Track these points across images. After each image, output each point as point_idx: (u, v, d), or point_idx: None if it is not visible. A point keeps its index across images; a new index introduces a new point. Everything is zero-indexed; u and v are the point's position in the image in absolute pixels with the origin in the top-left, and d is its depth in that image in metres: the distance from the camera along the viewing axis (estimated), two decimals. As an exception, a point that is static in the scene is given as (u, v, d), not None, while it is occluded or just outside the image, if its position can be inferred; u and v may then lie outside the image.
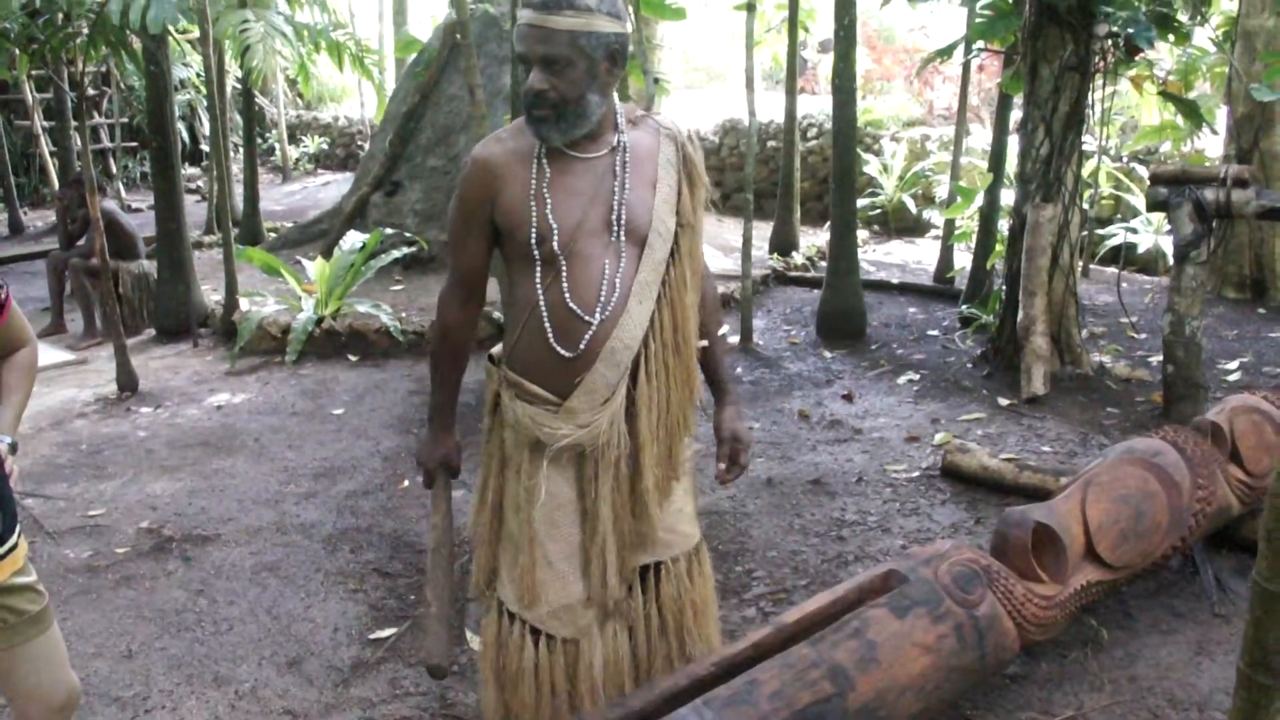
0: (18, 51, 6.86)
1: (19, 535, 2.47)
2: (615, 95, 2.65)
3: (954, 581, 3.07)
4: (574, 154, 2.58)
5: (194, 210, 9.55)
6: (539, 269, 2.57)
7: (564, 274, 2.55)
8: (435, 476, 2.97)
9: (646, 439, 2.66)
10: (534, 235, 2.54)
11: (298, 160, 20.10)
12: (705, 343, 2.83)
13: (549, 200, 2.55)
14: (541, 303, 2.57)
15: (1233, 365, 7.11)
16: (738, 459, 2.90)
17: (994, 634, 3.06)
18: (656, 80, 8.86)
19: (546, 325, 2.57)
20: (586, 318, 2.56)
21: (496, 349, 2.83)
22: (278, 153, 19.67)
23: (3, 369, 2.60)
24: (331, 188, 17.60)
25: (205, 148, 17.69)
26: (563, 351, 2.58)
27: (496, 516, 2.84)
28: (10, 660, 2.50)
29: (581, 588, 2.71)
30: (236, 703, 3.64)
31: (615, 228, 2.58)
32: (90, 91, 15.68)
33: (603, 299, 2.56)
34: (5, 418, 2.50)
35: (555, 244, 2.54)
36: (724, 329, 2.94)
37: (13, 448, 2.52)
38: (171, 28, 7.49)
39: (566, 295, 2.55)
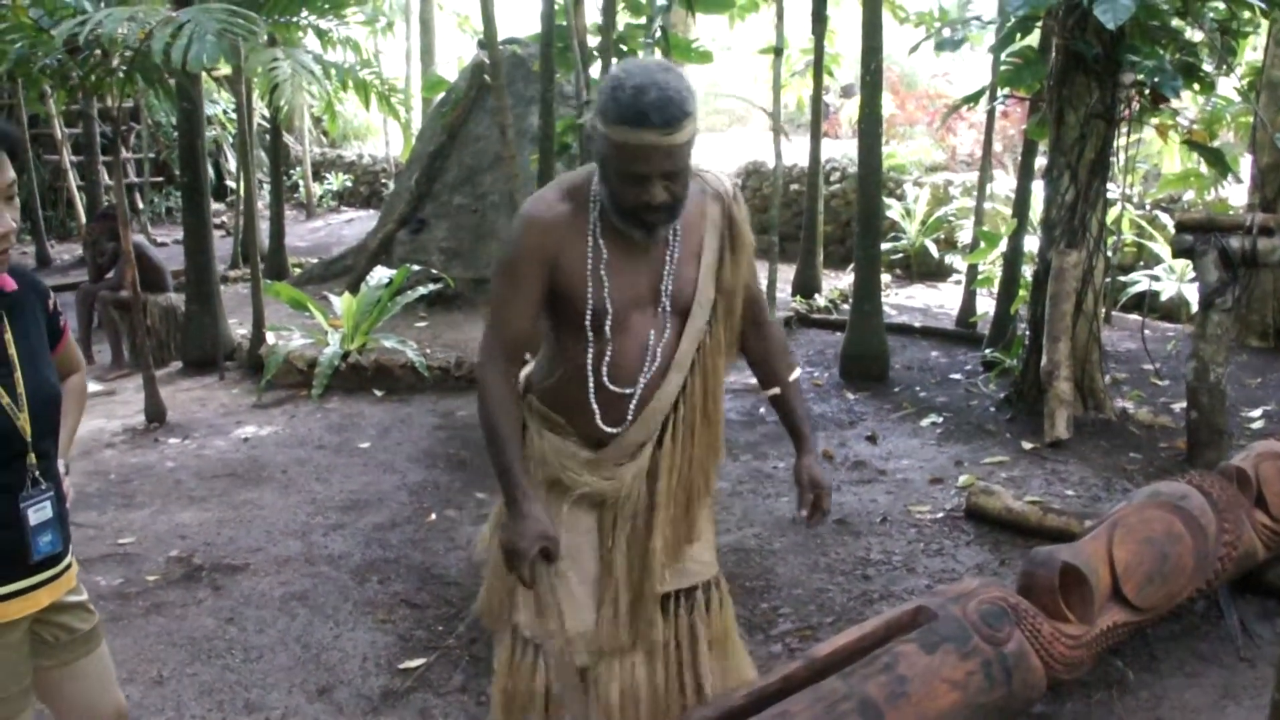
0: (47, 88, 7.01)
1: (72, 554, 2.52)
2: None
3: (982, 619, 3.10)
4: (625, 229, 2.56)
5: (219, 245, 9.66)
6: (586, 336, 2.59)
7: (609, 345, 2.58)
8: (534, 564, 2.54)
9: (663, 499, 2.70)
10: (589, 311, 2.55)
11: (322, 197, 20.28)
12: (777, 390, 2.88)
13: (605, 277, 2.55)
14: (584, 367, 2.60)
15: (1256, 413, 7.13)
16: (820, 504, 2.87)
17: (1021, 672, 3.08)
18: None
19: (589, 387, 2.60)
20: (628, 390, 2.60)
21: (525, 372, 2.85)
22: (302, 189, 19.85)
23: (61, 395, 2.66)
24: (355, 225, 17.75)
25: (231, 184, 17.90)
26: (599, 412, 2.62)
27: None
28: (60, 677, 2.54)
29: (596, 618, 2.75)
30: (267, 729, 3.69)
31: (662, 301, 2.61)
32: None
33: (646, 369, 2.61)
34: (60, 441, 2.56)
35: (608, 321, 2.57)
36: (796, 373, 2.95)
37: (66, 469, 2.58)
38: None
39: (609, 365, 2.59)
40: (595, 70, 7.69)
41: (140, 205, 17.09)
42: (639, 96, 2.30)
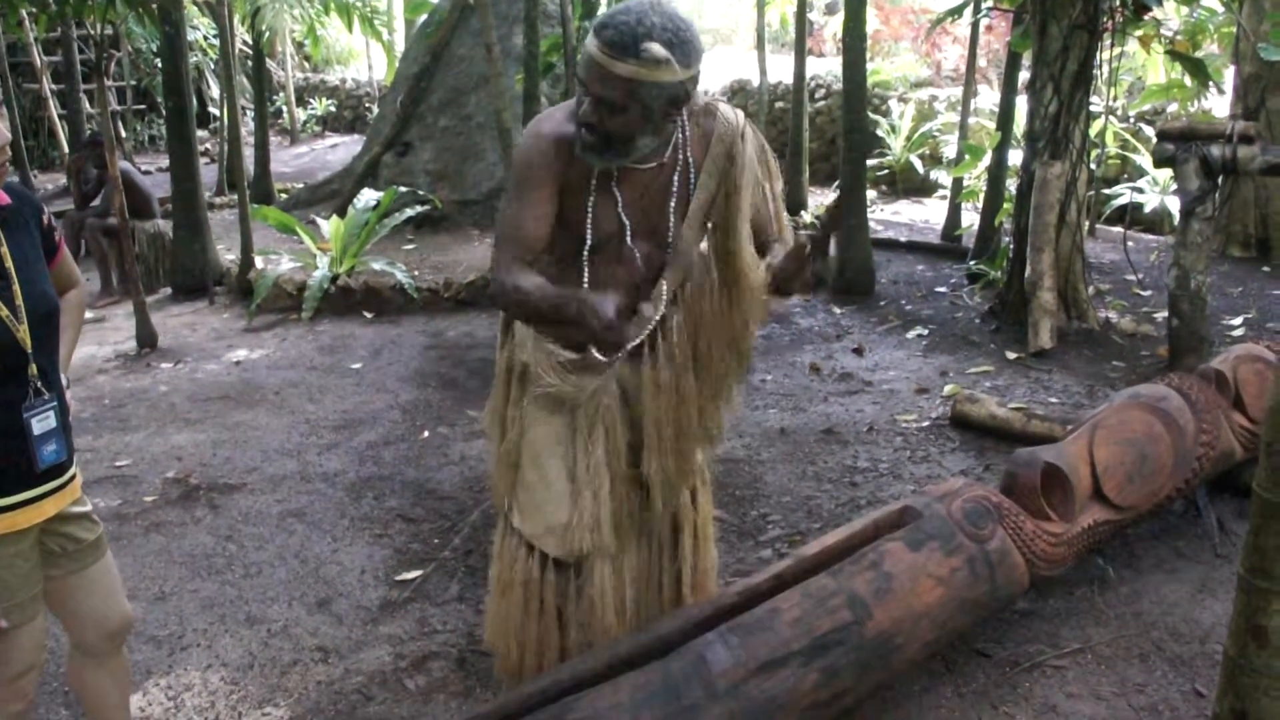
0: (24, 13, 6.91)
1: (76, 465, 2.58)
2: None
3: (966, 517, 3.18)
4: (630, 164, 2.60)
5: (204, 172, 9.63)
6: (579, 260, 2.66)
7: (598, 270, 2.64)
8: (621, 325, 2.50)
9: (650, 430, 2.74)
10: (583, 236, 2.62)
11: (305, 123, 20.13)
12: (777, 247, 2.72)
13: (601, 205, 2.61)
14: (571, 283, 2.66)
15: (1237, 321, 7.20)
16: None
17: (1004, 568, 3.17)
18: (668, 39, 8.91)
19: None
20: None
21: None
22: (285, 115, 19.69)
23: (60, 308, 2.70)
24: (340, 150, 17.65)
25: (214, 111, 17.75)
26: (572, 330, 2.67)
27: (503, 420, 2.97)
28: (67, 586, 2.61)
29: (573, 512, 2.82)
30: (269, 640, 3.76)
31: (660, 238, 2.68)
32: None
33: (624, 295, 2.63)
34: (60, 355, 2.61)
35: (598, 244, 2.63)
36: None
37: (66, 383, 2.63)
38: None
39: (593, 286, 2.64)
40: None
41: (123, 133, 16.95)
42: (613, 15, 2.36)
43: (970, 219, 10.00)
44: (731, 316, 2.65)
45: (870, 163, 12.07)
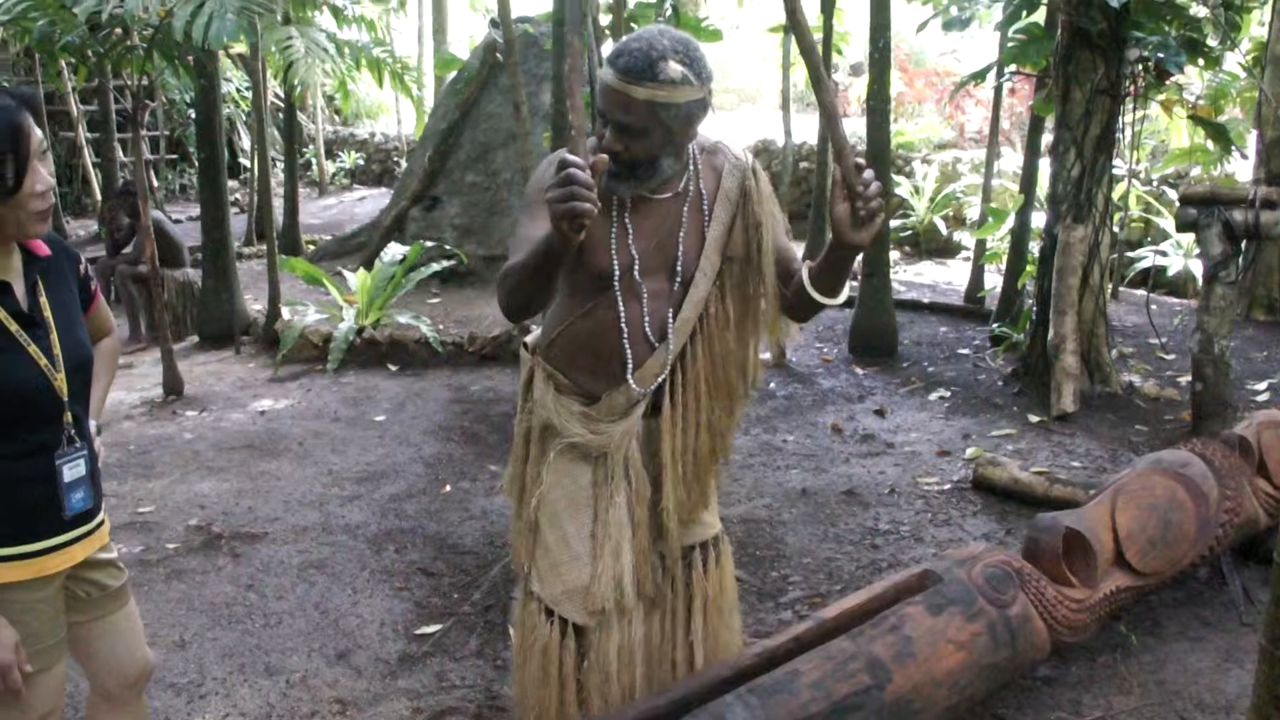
0: (64, 64, 7.06)
1: (104, 512, 2.61)
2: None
3: (987, 582, 3.18)
4: (646, 195, 2.63)
5: (233, 222, 9.75)
6: (595, 293, 2.67)
7: (618, 304, 2.65)
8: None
9: (669, 462, 2.76)
10: (599, 269, 2.63)
11: (334, 175, 20.32)
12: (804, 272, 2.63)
13: (617, 238, 2.63)
14: (589, 322, 2.69)
15: (1261, 386, 7.18)
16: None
17: (1025, 634, 3.16)
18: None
19: (588, 345, 2.70)
20: (626, 348, 2.67)
21: (531, 337, 2.95)
22: (314, 168, 19.89)
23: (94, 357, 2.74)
24: (367, 203, 17.81)
25: (244, 162, 17.95)
26: (597, 369, 2.72)
27: (523, 482, 2.97)
28: (91, 633, 2.62)
29: (594, 572, 2.82)
30: (288, 691, 3.77)
31: (670, 269, 2.68)
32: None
33: (646, 332, 2.68)
34: (91, 402, 2.64)
35: (616, 280, 2.64)
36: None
37: (98, 430, 2.66)
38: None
39: (612, 323, 2.66)
40: (606, 48, 7.73)
41: (155, 182, 17.15)
42: (627, 43, 2.41)
43: (993, 281, 10.01)
44: (745, 347, 2.74)
45: (894, 223, 12.11)
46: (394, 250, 9.07)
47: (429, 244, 9.75)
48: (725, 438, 2.85)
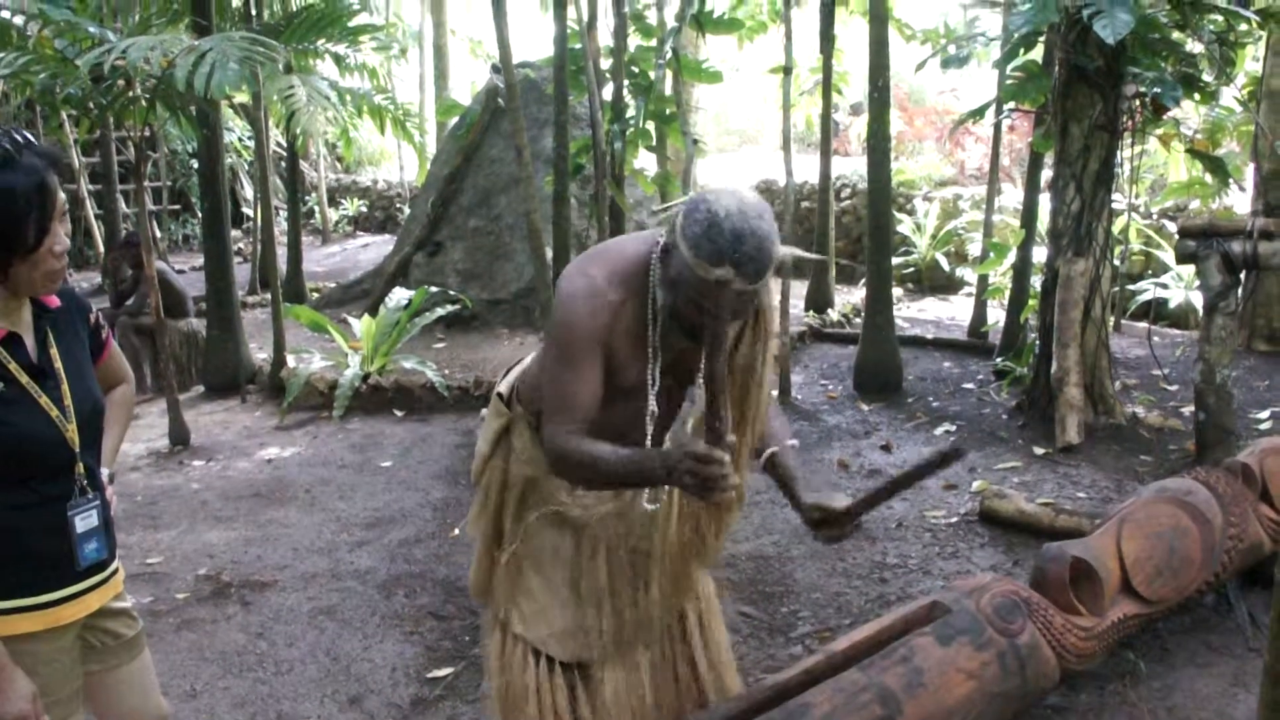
0: (65, 116, 7.12)
1: (118, 561, 2.63)
2: None
3: (995, 612, 3.19)
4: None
5: (237, 271, 9.80)
6: (619, 395, 2.64)
7: (616, 407, 2.63)
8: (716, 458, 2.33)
9: (657, 556, 2.75)
10: (649, 382, 2.60)
11: (337, 223, 20.45)
12: (774, 449, 2.77)
13: (645, 355, 2.60)
14: (606, 414, 2.64)
15: (1264, 415, 7.20)
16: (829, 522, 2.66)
17: (1035, 662, 3.17)
18: (695, 142, 9.09)
19: (602, 430, 2.63)
20: (648, 429, 2.65)
21: (505, 386, 2.95)
22: (317, 215, 20.01)
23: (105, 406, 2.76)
24: (371, 249, 17.91)
25: (247, 211, 18.06)
26: None
27: (497, 527, 2.98)
28: (106, 682, 2.63)
29: (581, 616, 2.87)
30: (301, 737, 3.78)
31: (678, 378, 2.70)
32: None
33: (641, 431, 2.66)
34: (104, 450, 2.67)
35: (630, 390, 2.63)
36: (793, 442, 2.90)
37: (110, 479, 2.69)
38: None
39: (634, 414, 2.64)
40: (607, 92, 7.82)
41: (158, 233, 17.25)
42: (737, 244, 2.28)
43: (996, 316, 10.05)
44: (740, 455, 2.65)
45: (896, 261, 12.17)
46: (398, 296, 9.11)
47: (433, 289, 9.81)
48: (716, 540, 2.75)
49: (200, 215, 10.78)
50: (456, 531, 5.71)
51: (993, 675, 3.05)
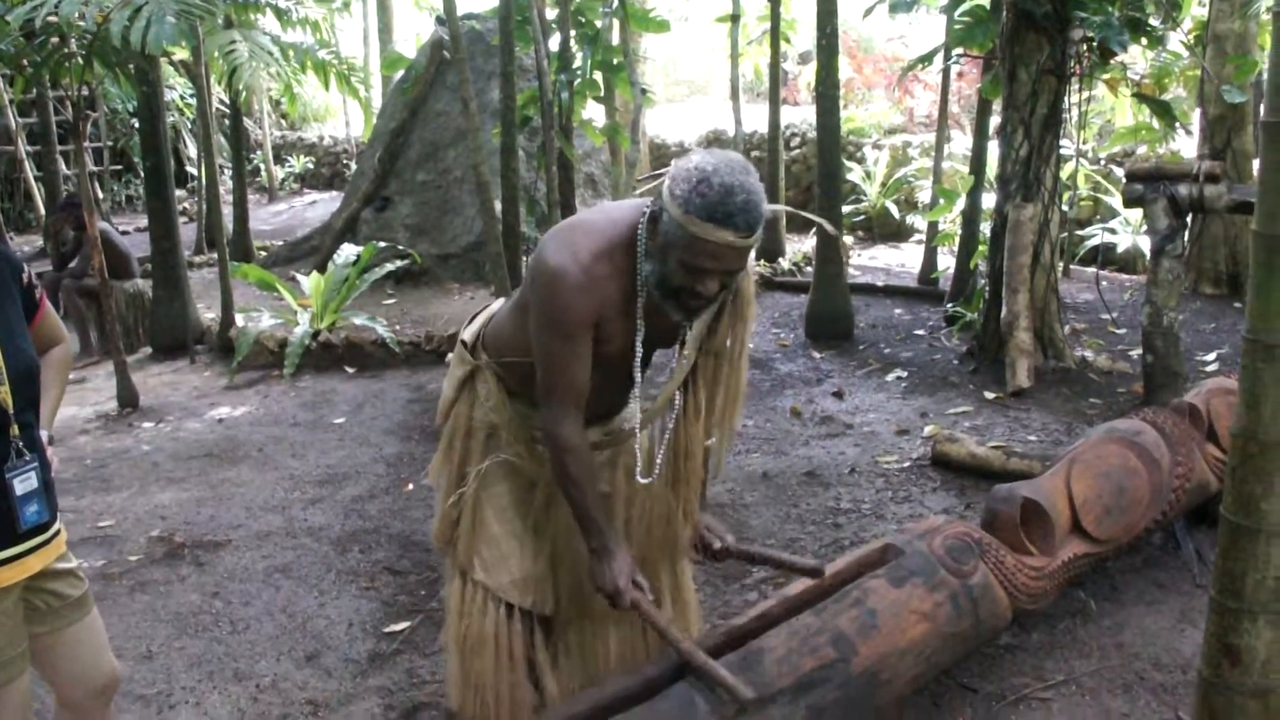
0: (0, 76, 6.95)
1: (60, 522, 2.59)
2: None
3: (948, 553, 3.22)
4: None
5: (182, 231, 9.66)
6: (602, 363, 2.66)
7: (599, 373, 2.64)
8: (631, 595, 2.65)
9: (633, 528, 2.86)
10: (634, 352, 2.64)
11: (283, 180, 20.19)
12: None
13: (632, 328, 2.61)
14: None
15: (1210, 357, 7.29)
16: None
17: (987, 602, 3.20)
18: (644, 92, 9.03)
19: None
20: (636, 371, 2.70)
21: (469, 334, 2.96)
22: (263, 173, 19.76)
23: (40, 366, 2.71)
24: (318, 206, 17.72)
25: (191, 170, 17.80)
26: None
27: (460, 474, 2.98)
28: (52, 644, 2.60)
29: (541, 562, 2.90)
30: (259, 695, 3.76)
31: (656, 348, 2.74)
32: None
33: (622, 396, 2.75)
34: (43, 412, 2.62)
35: (636, 365, 2.67)
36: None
37: (49, 440, 2.64)
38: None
39: (614, 375, 2.69)
40: (554, 42, 7.74)
41: (100, 194, 16.96)
42: (727, 197, 2.30)
43: (946, 262, 10.11)
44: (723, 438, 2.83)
45: (846, 209, 12.19)
46: (347, 252, 9.03)
47: (382, 245, 9.73)
48: (680, 526, 2.90)
49: (142, 175, 10.60)
50: (410, 487, 5.69)
51: (946, 616, 3.08)
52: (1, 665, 2.42)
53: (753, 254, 2.58)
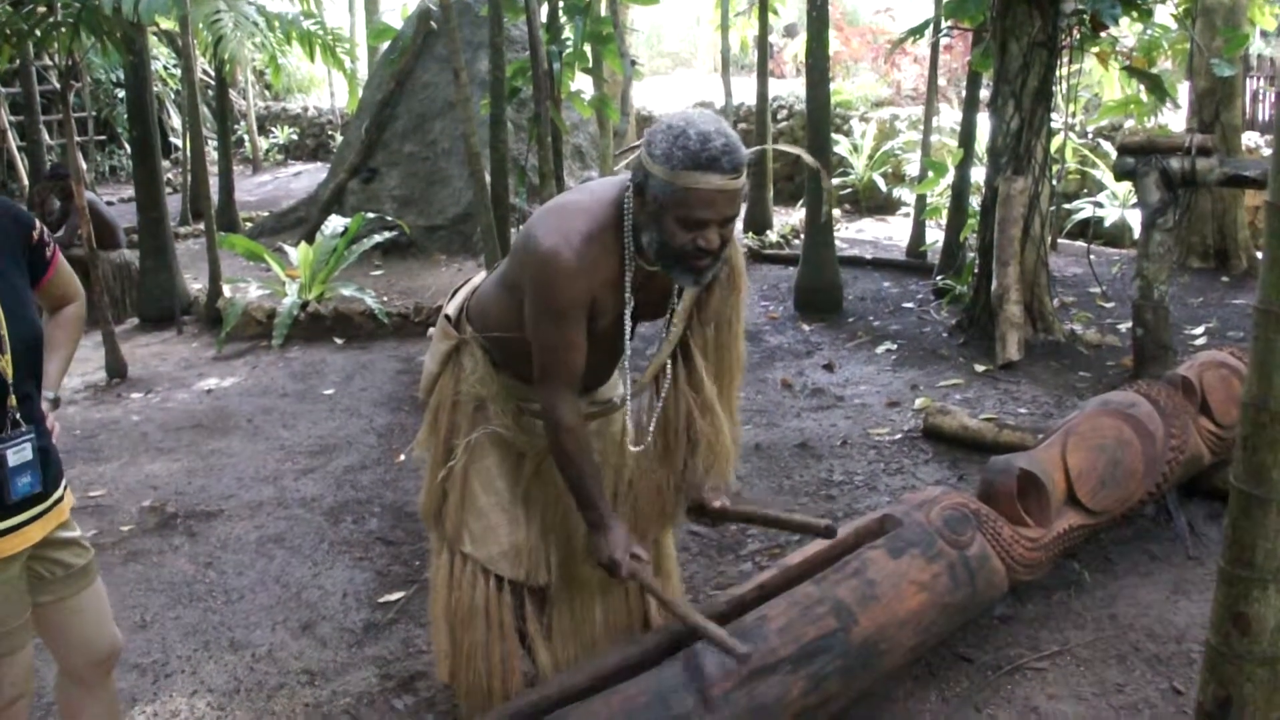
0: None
1: (65, 489, 2.55)
2: None
3: (945, 524, 3.24)
4: (648, 268, 2.62)
5: (168, 201, 9.61)
6: (591, 336, 2.68)
7: (590, 345, 2.65)
8: (629, 565, 2.69)
9: (627, 502, 2.88)
10: (624, 324, 2.67)
11: (268, 151, 20.09)
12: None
13: (622, 304, 2.64)
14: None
15: (1199, 331, 7.32)
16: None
17: (984, 573, 3.22)
18: (633, 64, 9.00)
19: None
20: (626, 345, 2.73)
21: (453, 308, 2.97)
22: (247, 144, 19.64)
23: (50, 325, 2.68)
24: (303, 178, 17.63)
25: (176, 141, 17.67)
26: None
27: (447, 448, 2.99)
28: (56, 613, 2.58)
29: (531, 533, 2.91)
30: (254, 665, 3.76)
31: (646, 320, 2.76)
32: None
33: (610, 365, 2.79)
34: (49, 373, 2.58)
35: (627, 339, 2.70)
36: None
37: (55, 403, 2.61)
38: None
39: (604, 351, 2.73)
40: (543, 13, 7.69)
41: (85, 164, 16.83)
42: (707, 143, 2.34)
43: (935, 235, 10.12)
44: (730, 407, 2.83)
45: (834, 182, 12.18)
46: (335, 223, 9.01)
47: (369, 216, 9.70)
48: (673, 501, 2.94)
49: (128, 145, 10.52)
50: (402, 457, 5.69)
51: (943, 586, 3.10)
52: (5, 635, 2.41)
53: (740, 224, 2.61)
